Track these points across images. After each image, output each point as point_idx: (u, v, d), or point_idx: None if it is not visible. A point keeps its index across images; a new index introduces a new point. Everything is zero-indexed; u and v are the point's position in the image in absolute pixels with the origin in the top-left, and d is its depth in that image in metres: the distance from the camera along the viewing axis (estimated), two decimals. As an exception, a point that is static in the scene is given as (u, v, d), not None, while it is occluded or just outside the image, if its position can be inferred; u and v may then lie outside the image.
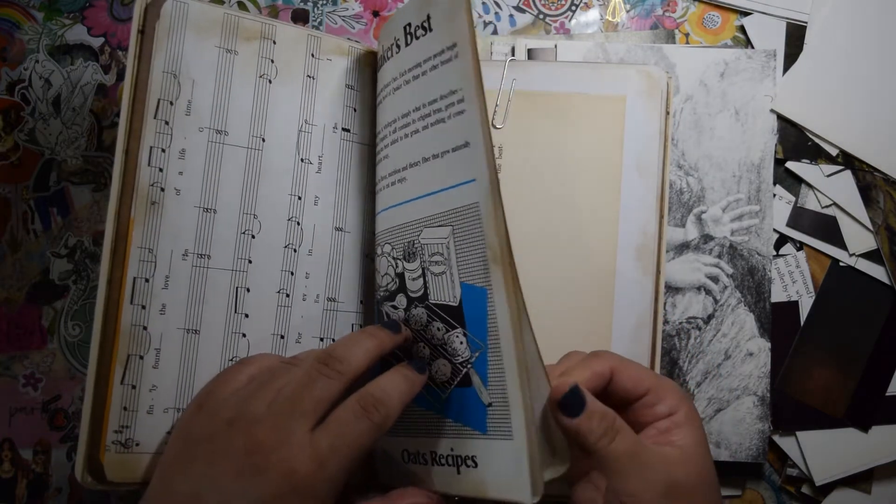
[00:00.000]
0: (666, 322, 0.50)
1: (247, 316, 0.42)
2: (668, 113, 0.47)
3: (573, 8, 0.54)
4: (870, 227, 0.51)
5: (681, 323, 0.50)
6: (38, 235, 0.52)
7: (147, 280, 0.40)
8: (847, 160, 0.51)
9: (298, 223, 0.44)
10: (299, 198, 0.44)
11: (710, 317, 0.50)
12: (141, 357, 0.40)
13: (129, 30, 0.54)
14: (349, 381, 0.37)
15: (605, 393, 0.38)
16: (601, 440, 0.35)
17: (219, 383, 0.38)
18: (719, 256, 0.51)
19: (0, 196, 0.52)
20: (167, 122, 0.41)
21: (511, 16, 0.54)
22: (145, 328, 0.40)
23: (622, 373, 0.37)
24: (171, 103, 0.41)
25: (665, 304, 0.50)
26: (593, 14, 0.54)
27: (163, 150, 0.41)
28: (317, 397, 0.35)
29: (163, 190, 0.41)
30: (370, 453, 0.42)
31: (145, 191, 0.40)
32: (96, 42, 0.53)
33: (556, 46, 0.52)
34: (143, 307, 0.40)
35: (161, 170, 0.41)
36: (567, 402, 0.35)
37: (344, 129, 0.46)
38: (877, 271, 0.51)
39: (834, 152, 0.51)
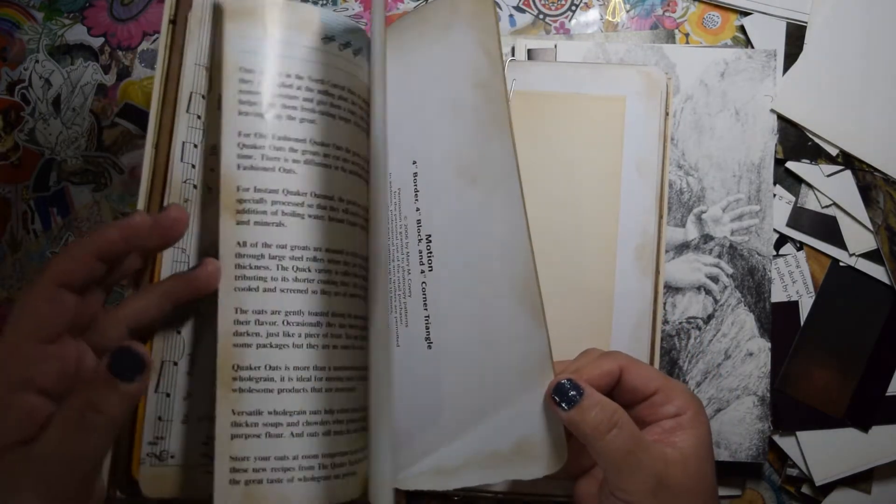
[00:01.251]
0: (666, 322, 0.50)
1: None
2: (667, 113, 0.47)
3: (573, 8, 0.54)
4: (870, 227, 0.51)
5: (681, 323, 0.50)
6: (38, 235, 0.52)
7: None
8: (847, 160, 0.51)
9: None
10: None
11: (710, 317, 0.50)
12: (175, 363, 0.38)
13: (129, 30, 0.54)
14: None
15: (614, 391, 0.38)
16: (595, 432, 0.35)
17: None
18: (719, 256, 0.51)
19: (0, 196, 0.52)
20: (199, 117, 0.39)
21: (511, 16, 0.54)
22: (179, 332, 0.38)
23: (632, 371, 0.38)
24: (204, 97, 0.39)
25: (665, 304, 0.50)
26: (593, 14, 0.54)
27: (195, 146, 0.39)
28: None
29: (195, 187, 0.39)
30: None
31: (178, 187, 0.38)
32: (96, 42, 0.53)
33: (556, 46, 0.52)
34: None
35: (193, 166, 0.39)
36: (557, 394, 0.36)
37: None
38: (877, 271, 0.51)
39: (834, 152, 0.51)
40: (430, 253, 0.40)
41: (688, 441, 0.36)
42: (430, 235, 0.40)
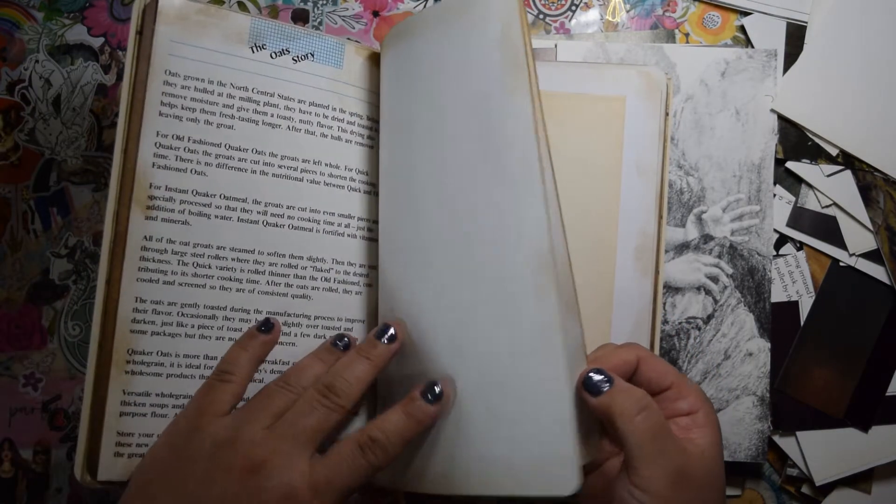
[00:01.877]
0: (666, 322, 0.50)
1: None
2: (667, 114, 0.47)
3: (573, 8, 0.54)
4: (870, 227, 0.51)
5: (680, 323, 0.50)
6: (38, 235, 0.52)
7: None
8: (847, 160, 0.51)
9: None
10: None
11: (709, 317, 0.50)
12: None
13: (129, 30, 0.54)
14: (347, 412, 0.38)
15: (630, 382, 0.38)
16: (624, 415, 0.35)
17: (209, 402, 0.38)
18: (719, 256, 0.51)
19: (0, 196, 0.52)
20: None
21: (511, 16, 0.54)
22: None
23: (648, 363, 0.39)
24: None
25: (665, 304, 0.50)
26: (593, 14, 0.54)
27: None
28: (315, 427, 0.37)
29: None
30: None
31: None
32: (96, 42, 0.53)
33: (556, 46, 0.52)
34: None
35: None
36: (589, 382, 0.36)
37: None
38: (877, 271, 0.51)
39: (834, 152, 0.51)
40: None
41: (705, 439, 0.37)
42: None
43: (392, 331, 0.40)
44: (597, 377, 0.36)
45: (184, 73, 0.41)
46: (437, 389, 0.38)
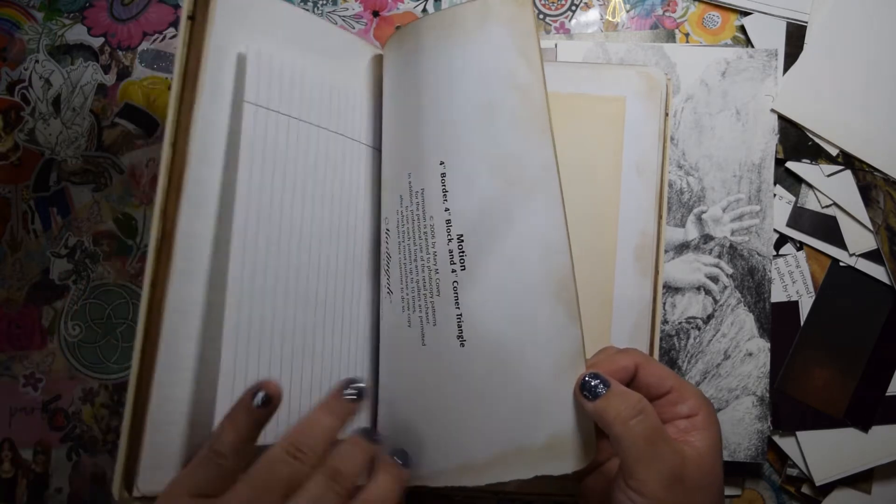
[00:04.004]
0: (665, 322, 0.50)
1: None
2: (667, 114, 0.47)
3: (573, 8, 0.54)
4: (870, 227, 0.51)
5: (680, 323, 0.50)
6: (38, 235, 0.52)
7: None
8: (847, 160, 0.51)
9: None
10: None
11: (709, 317, 0.50)
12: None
13: (129, 30, 0.54)
14: (352, 492, 0.37)
15: (630, 387, 0.39)
16: (619, 418, 0.36)
17: (201, 481, 0.36)
18: (719, 256, 0.51)
19: (0, 196, 0.52)
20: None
21: (511, 16, 0.54)
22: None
23: (647, 369, 0.39)
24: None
25: (665, 304, 0.50)
26: (593, 14, 0.54)
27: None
28: None
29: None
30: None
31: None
32: (96, 42, 0.53)
33: (556, 46, 0.52)
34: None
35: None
36: (586, 385, 0.37)
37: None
38: (877, 271, 0.51)
39: (834, 152, 0.51)
40: (463, 252, 0.40)
41: (703, 442, 0.37)
42: (461, 235, 0.40)
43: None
44: (593, 381, 0.37)
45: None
46: (405, 458, 0.38)
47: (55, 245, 0.52)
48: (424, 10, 0.54)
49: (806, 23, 0.52)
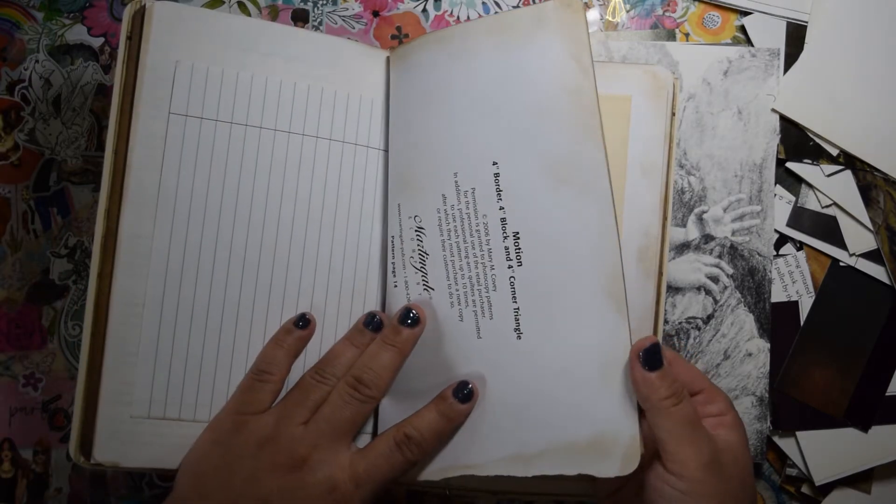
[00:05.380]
0: (665, 322, 0.50)
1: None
2: (673, 114, 0.47)
3: (573, 8, 0.54)
4: (870, 227, 0.51)
5: (680, 323, 0.50)
6: (38, 235, 0.52)
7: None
8: (847, 160, 0.51)
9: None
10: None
11: (709, 317, 0.50)
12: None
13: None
14: (378, 400, 0.41)
15: None
16: (669, 400, 0.37)
17: (250, 401, 0.41)
18: (720, 256, 0.51)
19: (0, 196, 0.52)
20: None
21: (511, 16, 0.54)
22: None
23: (678, 366, 0.40)
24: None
25: (665, 303, 0.50)
26: (593, 14, 0.54)
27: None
28: (350, 420, 0.40)
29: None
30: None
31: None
32: (96, 42, 0.53)
33: (556, 46, 0.52)
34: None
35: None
36: (649, 354, 0.37)
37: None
38: (877, 271, 0.51)
39: (835, 152, 0.51)
40: (519, 249, 0.41)
41: (734, 437, 0.38)
42: (517, 232, 0.41)
43: (414, 313, 0.42)
44: (655, 351, 0.37)
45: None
46: (467, 389, 0.40)
47: (55, 245, 0.52)
48: (424, 10, 0.54)
49: (806, 23, 0.52)
